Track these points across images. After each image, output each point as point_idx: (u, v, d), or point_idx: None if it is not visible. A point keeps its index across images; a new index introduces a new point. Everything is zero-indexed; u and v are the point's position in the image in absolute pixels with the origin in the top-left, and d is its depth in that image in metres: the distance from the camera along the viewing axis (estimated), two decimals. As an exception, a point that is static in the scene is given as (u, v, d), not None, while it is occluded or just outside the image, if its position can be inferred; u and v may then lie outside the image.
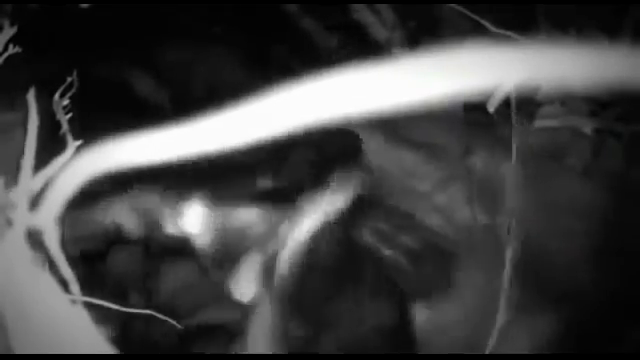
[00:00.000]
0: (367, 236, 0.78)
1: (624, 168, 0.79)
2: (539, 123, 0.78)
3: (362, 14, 0.82)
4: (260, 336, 0.73)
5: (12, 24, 0.51)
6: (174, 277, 0.75)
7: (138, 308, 0.59)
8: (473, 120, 0.80)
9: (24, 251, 0.26)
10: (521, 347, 0.71)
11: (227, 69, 0.87)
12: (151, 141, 0.21)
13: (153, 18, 0.84)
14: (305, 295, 0.75)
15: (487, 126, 0.80)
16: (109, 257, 0.75)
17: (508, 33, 0.69)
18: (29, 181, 0.27)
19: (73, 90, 0.55)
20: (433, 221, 0.80)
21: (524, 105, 0.76)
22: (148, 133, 0.21)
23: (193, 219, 0.77)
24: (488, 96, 0.67)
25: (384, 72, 0.18)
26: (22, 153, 0.29)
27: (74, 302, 0.26)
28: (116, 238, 0.75)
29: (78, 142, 0.36)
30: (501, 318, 0.66)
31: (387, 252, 0.77)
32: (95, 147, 0.22)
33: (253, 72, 0.86)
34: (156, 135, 0.21)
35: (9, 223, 0.26)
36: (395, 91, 0.18)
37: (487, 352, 0.66)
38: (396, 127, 0.81)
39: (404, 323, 0.76)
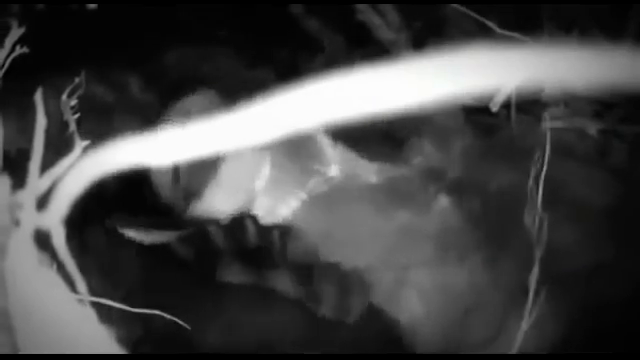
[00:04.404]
0: None
1: (629, 168, 0.79)
2: (544, 124, 0.78)
3: (367, 15, 0.82)
4: None
5: (20, 25, 0.51)
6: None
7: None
8: (477, 122, 0.80)
9: (31, 251, 0.26)
10: (549, 337, 0.72)
11: (232, 70, 0.87)
12: (157, 142, 0.21)
13: (159, 20, 0.84)
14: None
15: (491, 128, 0.80)
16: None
17: (513, 34, 0.69)
18: (36, 181, 0.28)
19: (81, 90, 0.55)
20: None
21: (529, 107, 0.76)
22: (154, 134, 0.21)
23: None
24: (492, 98, 0.68)
25: (389, 73, 0.18)
26: (29, 153, 0.29)
27: (81, 302, 0.26)
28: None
29: (85, 142, 0.36)
30: (530, 310, 0.67)
31: None
32: (103, 147, 0.22)
33: (258, 73, 0.86)
34: (162, 136, 0.21)
35: (17, 223, 0.27)
36: (400, 92, 0.18)
37: (517, 341, 0.67)
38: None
39: None
